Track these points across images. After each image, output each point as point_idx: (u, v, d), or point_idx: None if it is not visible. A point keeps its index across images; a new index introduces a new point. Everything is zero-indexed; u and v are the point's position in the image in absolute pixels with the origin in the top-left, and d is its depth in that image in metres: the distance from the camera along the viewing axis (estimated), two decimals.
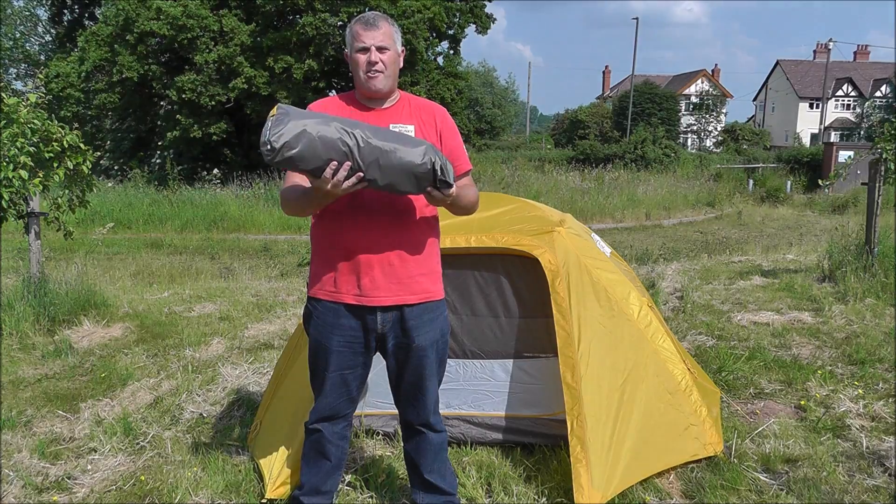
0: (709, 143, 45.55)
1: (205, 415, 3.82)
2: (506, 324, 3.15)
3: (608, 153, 29.72)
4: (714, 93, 50.34)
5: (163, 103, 24.76)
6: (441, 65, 25.99)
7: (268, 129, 2.01)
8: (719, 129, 46.33)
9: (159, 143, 25.32)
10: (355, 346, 2.38)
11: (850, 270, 6.56)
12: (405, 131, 2.30)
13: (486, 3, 25.92)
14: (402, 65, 2.38)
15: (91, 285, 6.05)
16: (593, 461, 2.69)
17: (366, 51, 2.26)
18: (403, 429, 2.58)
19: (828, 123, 45.99)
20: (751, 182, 26.69)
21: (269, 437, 3.14)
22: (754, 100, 58.58)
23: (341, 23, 21.80)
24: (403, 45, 2.38)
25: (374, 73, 2.27)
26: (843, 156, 24.29)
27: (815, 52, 53.85)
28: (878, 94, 47.43)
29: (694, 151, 38.02)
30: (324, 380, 2.42)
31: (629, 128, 36.18)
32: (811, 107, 48.85)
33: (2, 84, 5.83)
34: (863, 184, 7.18)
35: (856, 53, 54.72)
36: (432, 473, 2.55)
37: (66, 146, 5.32)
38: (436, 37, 25.23)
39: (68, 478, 3.12)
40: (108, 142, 26.10)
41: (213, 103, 21.99)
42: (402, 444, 2.63)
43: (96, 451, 3.36)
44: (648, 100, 40.15)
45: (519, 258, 3.06)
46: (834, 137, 44.10)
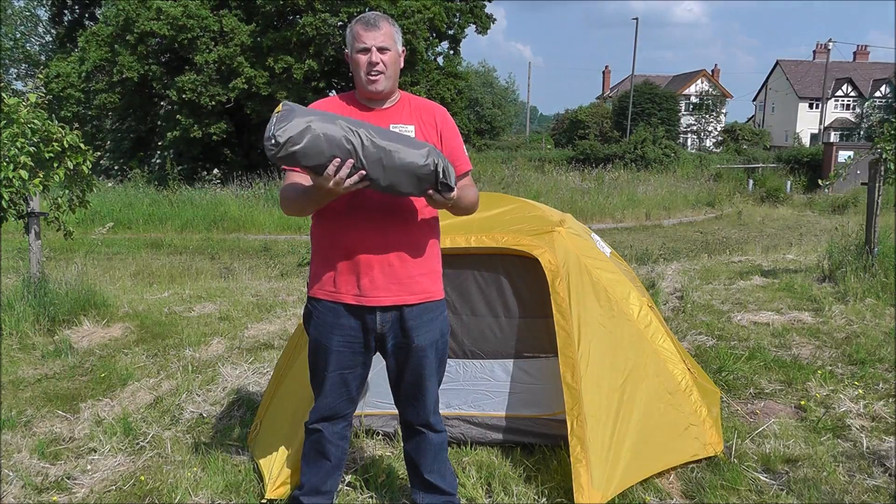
0: (709, 143, 45.55)
1: (205, 415, 3.82)
2: (506, 324, 3.15)
3: (608, 153, 29.72)
4: (714, 93, 50.34)
5: (163, 103, 24.77)
6: (441, 65, 25.99)
7: (272, 124, 2.01)
8: (719, 129, 46.32)
9: (159, 143, 25.33)
10: (355, 346, 2.38)
11: (850, 270, 6.57)
12: (405, 132, 2.30)
13: (486, 3, 25.93)
14: (402, 65, 2.37)
15: (91, 285, 6.05)
16: (593, 461, 2.69)
17: (366, 51, 2.26)
18: (403, 429, 2.58)
19: (828, 123, 45.99)
20: (751, 182, 26.69)
21: (269, 437, 3.14)
22: (754, 100, 58.59)
23: (341, 23, 21.81)
24: (404, 46, 2.38)
25: (374, 74, 2.27)
26: (843, 156, 24.30)
27: (814, 52, 53.85)
28: (877, 94, 47.42)
29: (694, 151, 38.02)
30: (324, 380, 2.42)
31: (629, 128, 36.18)
32: (811, 107, 48.86)
33: (2, 84, 5.82)
34: (863, 184, 7.18)
35: (855, 53, 54.73)
36: (432, 473, 2.55)
37: (67, 146, 5.32)
38: (436, 37, 25.23)
39: (68, 478, 3.12)
40: (108, 142, 26.11)
41: (213, 103, 22.00)
42: (402, 444, 2.63)
43: (96, 451, 3.36)
44: (648, 100, 40.15)
45: (519, 258, 3.06)
46: (834, 137, 44.11)
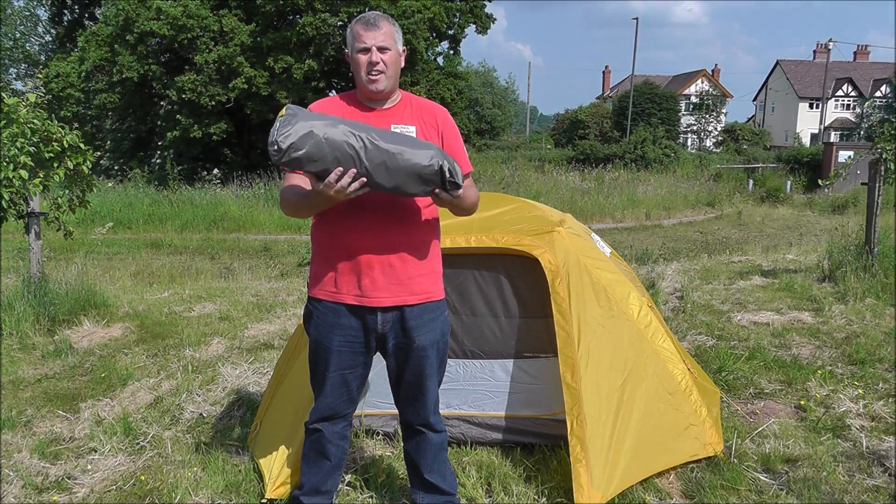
0: (709, 143, 45.55)
1: (205, 415, 3.82)
2: (506, 324, 3.15)
3: (608, 153, 29.72)
4: (714, 93, 50.33)
5: (163, 103, 24.76)
6: (441, 65, 25.99)
7: (276, 129, 2.01)
8: (719, 129, 46.31)
9: (159, 143, 25.32)
10: (356, 345, 2.38)
11: (850, 270, 6.57)
12: (406, 132, 2.30)
13: (486, 3, 25.92)
14: (403, 64, 2.37)
15: (91, 285, 6.05)
16: (593, 461, 2.69)
17: (367, 51, 2.26)
18: (403, 429, 2.58)
19: (828, 123, 45.99)
20: (751, 182, 26.69)
21: (269, 437, 3.14)
22: (754, 100, 58.59)
23: (341, 23, 21.81)
24: (404, 45, 2.37)
25: (375, 74, 2.27)
26: (843, 156, 24.30)
27: (815, 52, 53.85)
28: (877, 94, 47.42)
29: (694, 151, 38.02)
30: (324, 380, 2.42)
31: (629, 128, 36.18)
32: (811, 107, 48.86)
33: (2, 84, 5.82)
34: (863, 184, 7.18)
35: (856, 53, 54.72)
36: (432, 473, 2.55)
37: (66, 146, 5.32)
38: (436, 37, 25.23)
39: (68, 478, 3.12)
40: (108, 142, 26.10)
41: (213, 103, 21.99)
42: (402, 444, 2.63)
43: (96, 451, 3.36)
44: (648, 100, 40.15)
45: (519, 258, 3.06)
46: (834, 137, 44.11)
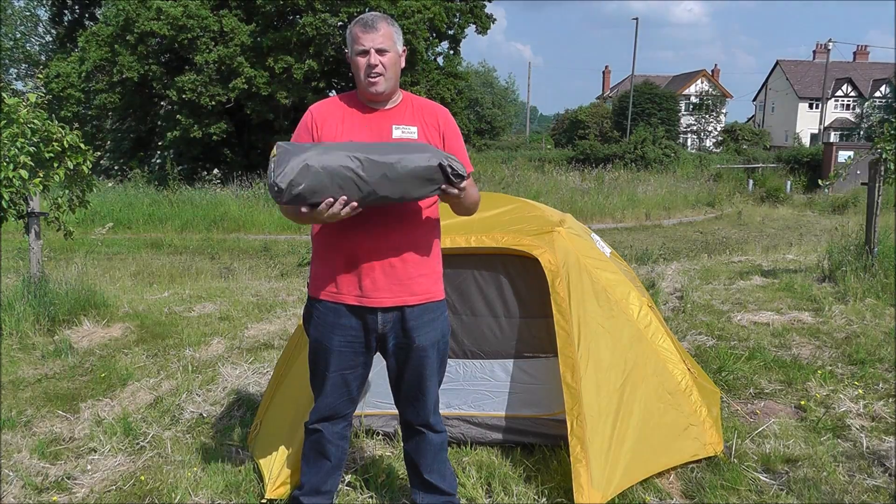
0: (709, 143, 45.54)
1: (205, 415, 3.82)
2: (506, 324, 3.15)
3: (608, 153, 29.73)
4: (714, 93, 50.33)
5: (163, 103, 24.75)
6: (441, 65, 25.98)
7: (271, 170, 2.03)
8: (719, 129, 46.32)
9: (159, 143, 25.31)
10: (356, 346, 2.38)
11: (850, 270, 6.57)
12: (408, 132, 2.30)
13: (486, 3, 25.91)
14: (403, 65, 2.37)
15: (91, 285, 6.05)
16: (593, 461, 2.69)
17: (365, 54, 2.25)
18: (403, 429, 2.58)
19: (827, 123, 45.99)
20: (751, 182, 26.69)
21: (269, 437, 3.14)
22: (754, 100, 58.58)
23: (341, 23, 21.80)
24: (404, 45, 2.37)
25: (374, 77, 2.26)
26: (843, 156, 24.30)
27: (814, 52, 53.82)
28: (877, 94, 47.41)
29: (694, 151, 38.02)
30: (324, 380, 2.42)
31: (629, 128, 36.17)
32: (811, 107, 48.85)
33: (2, 84, 5.82)
34: (863, 184, 7.18)
35: (855, 54, 54.70)
36: (432, 474, 2.55)
37: (67, 146, 5.32)
38: (436, 37, 25.22)
39: (68, 478, 3.12)
40: (108, 142, 26.09)
41: (213, 103, 21.98)
42: (402, 444, 2.63)
43: (96, 451, 3.36)
44: (648, 100, 40.15)
45: (519, 258, 3.06)
46: (834, 137, 44.10)
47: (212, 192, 18.27)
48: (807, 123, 48.77)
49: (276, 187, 2.01)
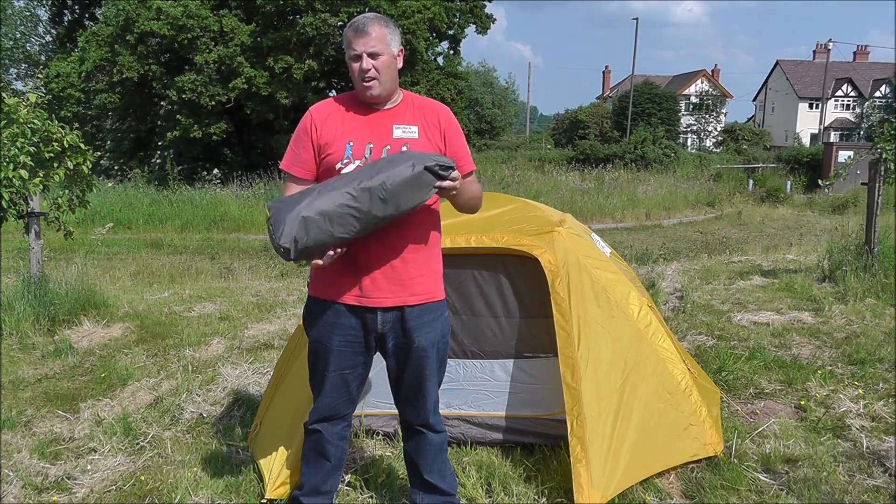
0: (709, 143, 45.54)
1: (205, 415, 3.82)
2: (506, 324, 3.15)
3: (608, 153, 29.72)
4: (714, 93, 50.32)
5: (163, 103, 24.76)
6: (441, 65, 25.98)
7: (272, 235, 2.06)
8: (719, 129, 46.32)
9: (159, 143, 25.32)
10: (356, 345, 2.38)
11: (850, 270, 6.56)
12: (408, 132, 2.30)
13: (486, 3, 25.92)
14: (401, 65, 2.36)
15: (91, 285, 6.05)
16: (593, 461, 2.69)
17: (358, 58, 2.25)
18: (403, 429, 2.58)
19: (827, 123, 45.99)
20: (751, 182, 26.70)
21: (269, 437, 3.14)
22: (754, 100, 58.58)
23: (341, 23, 21.79)
24: (402, 45, 2.36)
25: (367, 81, 2.26)
26: (843, 156, 24.30)
27: (814, 52, 53.82)
28: (877, 94, 47.41)
29: (694, 151, 38.02)
30: (324, 379, 2.42)
31: (629, 128, 36.18)
32: (811, 107, 48.85)
33: (2, 84, 5.83)
34: (863, 184, 7.18)
35: (855, 54, 54.71)
36: (432, 474, 2.55)
37: (67, 146, 5.32)
38: (436, 37, 25.22)
39: (68, 478, 3.12)
40: (108, 142, 26.10)
41: (213, 103, 21.99)
42: (402, 444, 2.63)
43: (96, 451, 3.36)
44: (648, 100, 40.14)
45: (519, 258, 3.06)
46: (834, 137, 44.10)
47: (212, 192, 18.27)
48: (807, 123, 48.77)
49: (281, 249, 2.05)
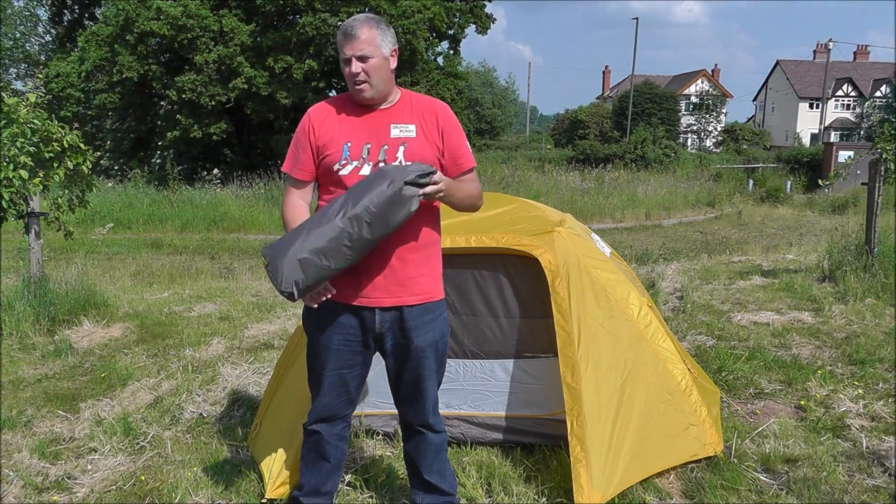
0: (709, 143, 45.54)
1: (205, 415, 3.82)
2: (506, 324, 3.15)
3: (608, 153, 29.73)
4: (714, 93, 50.32)
5: (163, 103, 24.75)
6: (441, 65, 25.97)
7: (273, 281, 2.11)
8: (719, 129, 46.32)
9: (159, 143, 25.31)
10: (354, 344, 2.38)
11: (850, 270, 6.56)
12: (406, 131, 2.30)
13: (486, 3, 25.91)
14: (394, 65, 2.33)
15: (91, 285, 6.05)
16: (593, 461, 2.69)
17: (349, 62, 2.26)
18: (403, 429, 2.58)
19: (828, 123, 45.99)
20: (751, 182, 26.71)
21: (269, 437, 3.14)
22: (754, 100, 58.58)
23: (341, 23, 21.74)
24: (395, 45, 2.32)
25: (358, 85, 2.26)
26: (843, 156, 24.31)
27: (814, 52, 53.84)
28: (877, 94, 47.41)
29: (694, 151, 38.03)
30: (322, 378, 2.42)
31: (629, 128, 36.18)
32: (811, 107, 48.85)
33: (2, 84, 5.84)
34: (863, 184, 7.18)
35: (855, 53, 54.70)
36: (432, 474, 2.55)
37: (66, 146, 5.32)
38: (436, 37, 25.21)
39: (68, 478, 3.12)
40: (108, 142, 26.08)
41: (213, 103, 21.99)
42: (402, 444, 2.63)
43: (96, 451, 3.36)
44: (648, 100, 40.15)
45: (519, 258, 3.06)
46: (834, 137, 44.10)
47: (212, 192, 18.27)
48: (807, 123, 48.77)
49: (285, 293, 2.10)
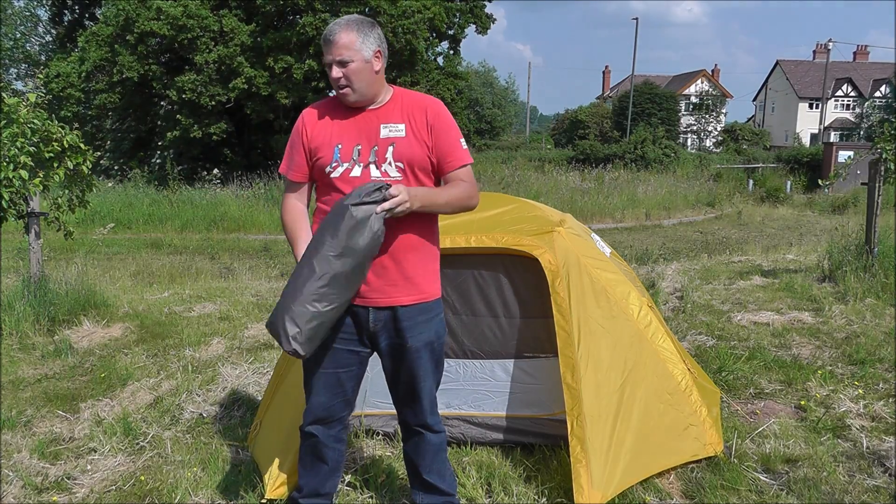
0: (709, 143, 45.54)
1: (205, 415, 3.82)
2: (506, 324, 3.15)
3: (608, 153, 29.73)
4: (714, 93, 50.32)
5: (163, 103, 24.76)
6: (441, 65, 25.97)
7: (280, 342, 2.17)
8: (719, 129, 46.32)
9: (159, 143, 25.31)
10: (349, 343, 2.37)
11: (850, 270, 6.57)
12: (395, 130, 2.30)
13: (486, 3, 25.91)
14: (379, 66, 2.29)
15: (91, 285, 6.05)
16: (593, 461, 2.69)
17: (330, 67, 2.27)
18: (402, 429, 2.58)
19: (827, 123, 45.98)
20: (751, 182, 26.70)
21: (269, 437, 3.14)
22: (754, 100, 58.58)
23: None
24: (378, 46, 2.28)
25: (340, 89, 2.27)
26: (843, 156, 24.31)
27: (814, 52, 53.82)
28: (877, 94, 47.40)
29: (694, 151, 38.02)
30: (317, 377, 2.40)
31: (629, 128, 36.17)
32: (811, 107, 48.85)
33: (2, 84, 5.83)
34: (863, 184, 7.18)
35: (855, 54, 54.70)
36: (431, 474, 2.55)
37: (66, 146, 5.32)
38: (436, 37, 25.20)
39: (68, 478, 3.12)
40: (108, 142, 26.09)
41: (213, 103, 21.99)
42: (402, 445, 2.63)
43: (96, 451, 3.36)
44: (648, 100, 40.14)
45: (519, 258, 3.06)
46: (834, 137, 44.11)
47: (212, 192, 18.26)
48: (807, 123, 48.76)
49: (294, 351, 2.16)
